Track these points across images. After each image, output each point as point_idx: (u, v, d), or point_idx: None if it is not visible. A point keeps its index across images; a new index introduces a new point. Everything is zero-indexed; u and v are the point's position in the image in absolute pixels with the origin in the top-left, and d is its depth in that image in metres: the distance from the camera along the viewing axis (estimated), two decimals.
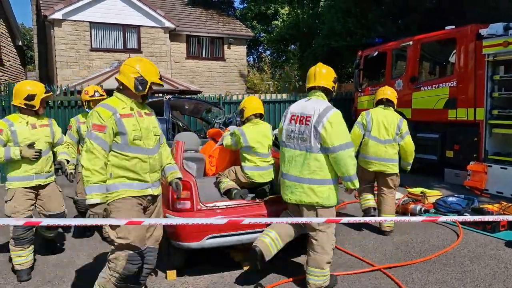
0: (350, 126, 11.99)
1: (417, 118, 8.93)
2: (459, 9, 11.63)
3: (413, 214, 6.12)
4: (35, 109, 4.07)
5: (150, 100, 8.57)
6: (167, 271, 4.08)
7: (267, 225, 3.90)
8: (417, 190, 6.87)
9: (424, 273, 4.12)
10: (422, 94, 8.82)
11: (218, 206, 4.03)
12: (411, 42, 9.12)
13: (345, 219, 3.05)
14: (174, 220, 3.43)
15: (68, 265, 4.50)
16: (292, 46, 21.79)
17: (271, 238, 3.72)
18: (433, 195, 6.79)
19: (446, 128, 8.49)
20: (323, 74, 3.83)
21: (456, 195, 6.53)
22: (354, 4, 14.65)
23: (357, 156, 4.77)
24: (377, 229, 5.42)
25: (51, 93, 4.25)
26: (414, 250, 4.77)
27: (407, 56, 9.28)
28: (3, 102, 9.42)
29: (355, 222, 4.82)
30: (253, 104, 4.92)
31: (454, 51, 8.26)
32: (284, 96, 13.09)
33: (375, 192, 5.66)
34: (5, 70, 18.48)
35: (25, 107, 4.04)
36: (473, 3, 11.04)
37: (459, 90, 8.08)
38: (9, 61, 19.24)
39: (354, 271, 4.13)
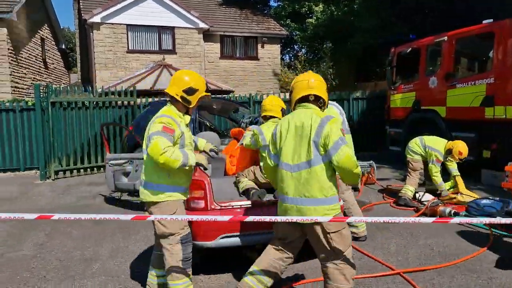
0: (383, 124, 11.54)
1: (452, 116, 8.58)
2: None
3: (442, 217, 5.87)
4: (190, 106, 3.44)
5: None
6: None
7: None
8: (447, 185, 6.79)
9: (446, 278, 3.94)
10: (457, 91, 8.44)
11: (233, 206, 4.03)
12: (445, 38, 8.75)
13: (351, 219, 2.99)
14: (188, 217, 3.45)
15: (91, 260, 4.65)
16: (329, 44, 21.50)
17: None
18: (468, 194, 6.55)
19: (483, 127, 8.08)
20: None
21: (490, 198, 6.21)
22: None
23: None
24: (400, 232, 5.25)
25: (209, 94, 3.55)
26: (439, 254, 4.57)
27: (441, 52, 8.92)
28: (43, 103, 9.85)
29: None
30: (270, 105, 4.91)
31: (492, 46, 7.86)
32: None
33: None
34: (49, 73, 19.41)
35: (180, 100, 3.37)
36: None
37: (497, 87, 7.68)
38: (52, 64, 20.18)
39: (370, 275, 4.01)
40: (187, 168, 3.29)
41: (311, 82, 3.14)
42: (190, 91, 3.34)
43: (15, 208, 7.15)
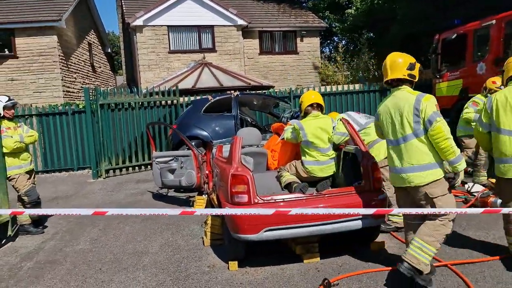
0: None
1: None
2: None
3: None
4: (415, 80, 3.61)
5: (218, 97, 8.94)
6: (229, 262, 4.25)
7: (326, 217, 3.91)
8: None
9: (498, 271, 3.82)
10: None
11: (275, 200, 4.09)
12: (493, 21, 8.38)
13: (396, 211, 2.98)
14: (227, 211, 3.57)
15: (142, 253, 4.88)
16: (371, 34, 21.01)
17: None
18: None
19: None
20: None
21: None
22: None
23: None
24: None
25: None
26: (490, 246, 4.42)
27: (489, 37, 8.54)
28: (93, 105, 10.33)
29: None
30: (309, 97, 4.92)
31: None
32: (357, 86, 12.75)
33: None
34: (97, 76, 20.29)
35: (408, 78, 3.55)
36: None
37: None
38: (100, 67, 21.07)
39: None
40: None
41: None
42: (412, 66, 3.54)
43: (71, 206, 7.60)
